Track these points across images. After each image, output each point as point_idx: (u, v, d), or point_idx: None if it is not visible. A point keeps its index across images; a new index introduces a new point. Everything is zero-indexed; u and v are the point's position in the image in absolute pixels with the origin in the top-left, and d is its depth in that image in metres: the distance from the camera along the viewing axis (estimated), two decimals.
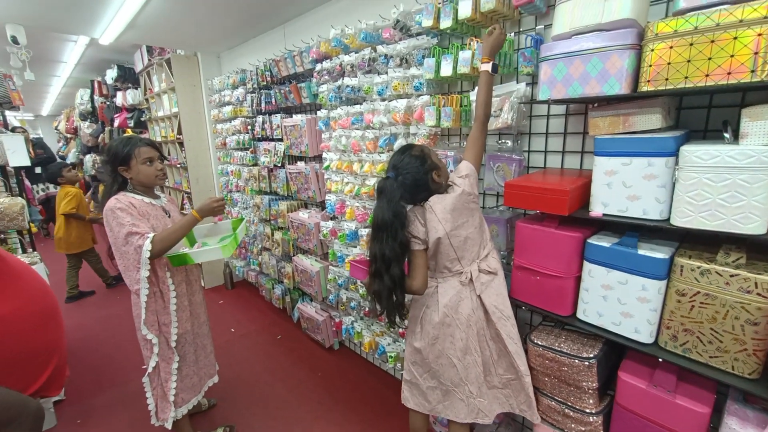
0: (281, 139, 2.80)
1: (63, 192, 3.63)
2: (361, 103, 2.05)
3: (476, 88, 1.52)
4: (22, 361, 0.98)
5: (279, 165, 2.90)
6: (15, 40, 2.66)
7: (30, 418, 0.85)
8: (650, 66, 0.93)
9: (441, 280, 1.36)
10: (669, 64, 0.90)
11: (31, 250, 2.19)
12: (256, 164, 3.22)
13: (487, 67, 1.32)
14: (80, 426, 2.12)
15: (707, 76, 0.86)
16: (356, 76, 2.02)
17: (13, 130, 5.08)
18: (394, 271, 1.24)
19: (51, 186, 5.85)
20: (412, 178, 1.26)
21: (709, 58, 0.85)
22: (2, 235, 2.02)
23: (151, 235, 1.44)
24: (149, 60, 4.10)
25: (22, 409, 0.83)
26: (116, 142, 1.54)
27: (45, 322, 1.04)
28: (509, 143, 1.57)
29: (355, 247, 2.25)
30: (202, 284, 1.91)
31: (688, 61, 0.88)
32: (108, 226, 1.44)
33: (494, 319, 1.31)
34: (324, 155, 2.35)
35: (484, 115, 1.35)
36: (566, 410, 1.33)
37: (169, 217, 1.66)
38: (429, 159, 1.29)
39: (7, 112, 3.27)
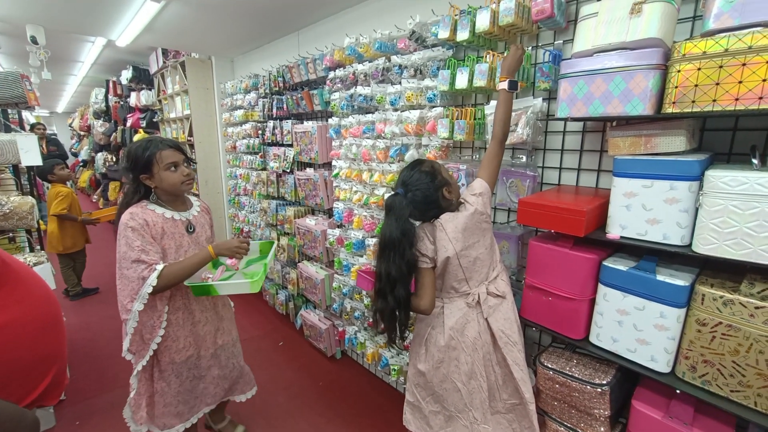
0: (291, 145, 2.80)
1: (54, 191, 3.39)
2: (373, 113, 2.04)
3: (492, 103, 1.50)
4: (20, 372, 0.95)
5: (288, 170, 2.90)
6: (34, 40, 2.70)
7: (26, 431, 0.82)
8: (676, 87, 0.90)
9: (447, 300, 1.32)
10: (696, 86, 0.87)
11: (38, 248, 2.20)
12: (264, 169, 3.22)
13: (504, 84, 1.29)
14: (79, 427, 2.10)
15: (737, 99, 0.83)
16: (369, 85, 2.01)
17: (32, 127, 5.18)
18: (398, 292, 1.20)
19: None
20: (422, 194, 1.22)
21: (740, 82, 0.81)
22: (11, 234, 2.03)
23: (160, 267, 1.30)
24: (164, 62, 4.15)
25: (19, 422, 0.81)
26: (135, 145, 1.36)
27: (45, 331, 1.02)
28: (523, 158, 1.54)
29: (362, 256, 2.23)
30: (231, 305, 1.77)
31: (717, 83, 0.85)
32: (118, 240, 1.32)
33: (501, 344, 1.26)
34: (333, 163, 2.34)
35: (501, 133, 1.31)
36: None
37: (191, 233, 1.48)
38: (439, 175, 1.26)
39: (24, 111, 3.31)
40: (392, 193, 1.26)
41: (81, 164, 9.47)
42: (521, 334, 1.33)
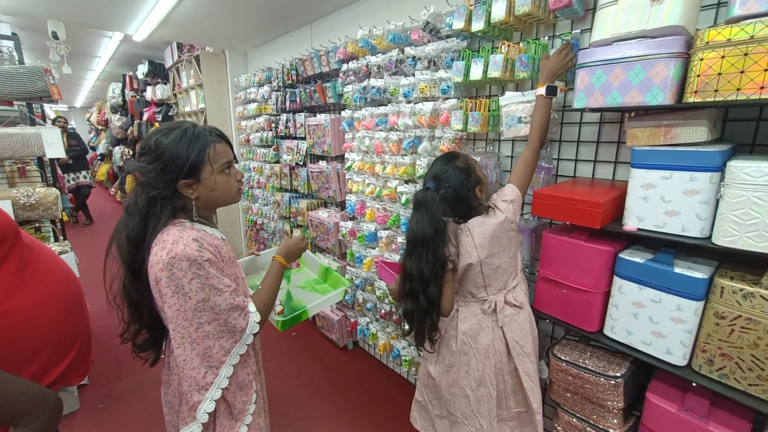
0: (304, 138, 2.82)
1: None
2: (386, 105, 2.04)
3: (507, 93, 1.49)
4: (43, 351, 0.98)
5: (301, 163, 2.92)
6: (55, 36, 2.77)
7: (48, 409, 0.81)
8: (698, 76, 0.88)
9: (462, 304, 1.29)
10: (720, 74, 0.85)
11: (62, 238, 2.27)
12: (278, 161, 3.26)
13: (542, 90, 1.25)
14: (102, 411, 2.18)
15: (762, 88, 0.81)
16: (382, 78, 2.01)
17: (54, 121, 5.31)
18: (432, 291, 1.13)
19: (81, 175, 6.06)
20: (455, 192, 1.17)
21: (766, 70, 0.79)
22: (37, 224, 2.10)
23: (252, 307, 0.97)
24: (179, 56, 4.21)
25: (40, 401, 0.81)
26: (170, 137, 0.90)
27: (67, 312, 1.05)
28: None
29: (374, 248, 2.25)
30: None
31: (742, 71, 0.82)
32: (176, 287, 0.85)
33: (514, 354, 1.25)
34: (346, 155, 2.35)
35: (538, 140, 1.27)
36: (588, 428, 1.28)
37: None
38: (473, 172, 1.20)
39: (45, 105, 3.39)
40: (423, 187, 1.19)
41: (99, 158, 9.70)
42: (535, 345, 1.31)
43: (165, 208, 0.91)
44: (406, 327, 1.22)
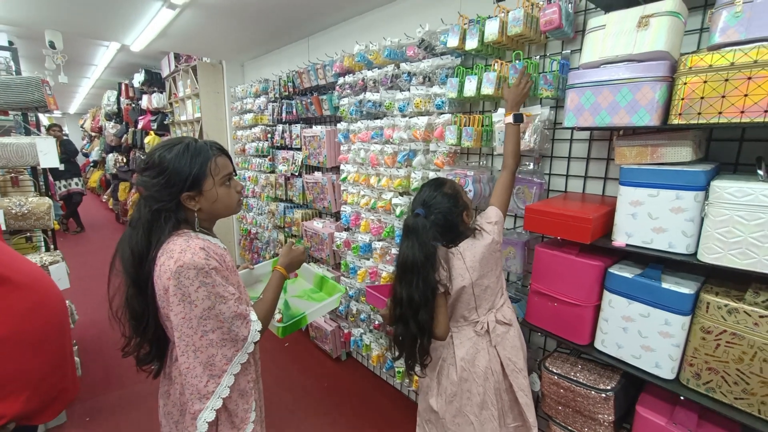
0: (300, 149, 2.84)
1: None
2: (381, 118, 2.07)
3: (500, 110, 1.52)
4: None
5: (296, 174, 2.94)
6: (52, 45, 2.77)
7: None
8: (682, 99, 0.92)
9: (455, 330, 1.29)
10: (702, 98, 0.89)
11: (53, 248, 2.25)
12: (273, 172, 3.27)
13: (510, 119, 1.32)
14: (89, 423, 2.14)
15: (743, 112, 0.84)
16: (378, 92, 2.05)
17: (49, 129, 5.26)
18: (422, 317, 1.13)
19: (72, 182, 6.00)
20: (444, 218, 1.19)
21: (746, 95, 0.83)
22: (28, 234, 2.08)
23: (254, 317, 0.98)
24: (176, 66, 4.23)
25: None
26: (174, 152, 0.93)
27: (23, 349, 0.95)
28: (531, 166, 1.56)
29: (368, 259, 2.26)
30: None
31: (723, 96, 0.86)
32: (183, 295, 0.87)
33: (508, 371, 1.26)
34: (342, 167, 2.38)
35: (514, 164, 1.34)
36: None
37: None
38: (461, 198, 1.23)
39: (40, 113, 3.38)
40: (413, 213, 1.19)
41: (92, 164, 9.62)
42: (526, 359, 1.33)
43: (169, 221, 0.94)
44: (397, 352, 1.21)
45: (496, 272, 1.27)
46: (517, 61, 1.45)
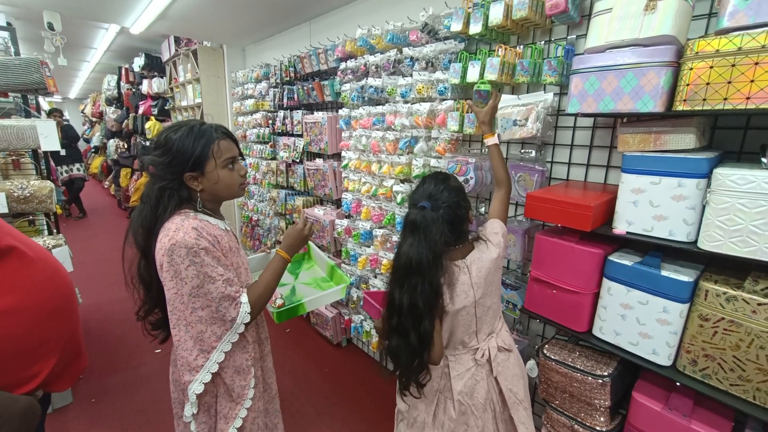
0: (301, 135, 2.83)
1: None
2: (383, 104, 2.05)
3: (504, 96, 1.51)
4: (14, 359, 0.94)
5: (297, 161, 2.93)
6: (51, 26, 2.74)
7: (16, 418, 0.80)
8: (687, 85, 0.91)
9: (452, 358, 1.16)
10: (708, 84, 0.88)
11: (56, 231, 2.26)
12: (274, 158, 3.26)
13: (495, 140, 1.31)
14: (94, 405, 2.18)
15: (748, 98, 0.83)
16: (380, 77, 2.02)
17: (50, 113, 5.24)
18: (424, 327, 0.99)
19: (74, 168, 6.00)
20: (453, 212, 1.06)
21: (752, 81, 0.82)
22: (30, 217, 2.09)
23: (245, 299, 0.99)
24: (176, 50, 4.18)
25: (7, 408, 0.78)
26: (179, 133, 0.98)
27: (48, 315, 1.01)
28: (533, 153, 1.55)
29: (369, 246, 2.26)
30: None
31: (729, 82, 0.85)
32: (174, 272, 0.92)
33: (509, 403, 1.18)
34: (343, 154, 2.37)
35: (507, 181, 1.30)
36: (576, 426, 1.31)
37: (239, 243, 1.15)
38: (465, 194, 1.14)
39: (40, 97, 3.37)
40: (416, 207, 1.05)
41: (93, 150, 9.61)
42: (527, 387, 1.26)
43: (172, 199, 0.98)
44: (390, 368, 1.09)
45: (497, 292, 1.19)
46: (481, 85, 1.40)
